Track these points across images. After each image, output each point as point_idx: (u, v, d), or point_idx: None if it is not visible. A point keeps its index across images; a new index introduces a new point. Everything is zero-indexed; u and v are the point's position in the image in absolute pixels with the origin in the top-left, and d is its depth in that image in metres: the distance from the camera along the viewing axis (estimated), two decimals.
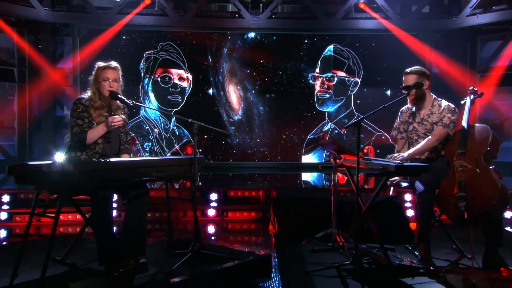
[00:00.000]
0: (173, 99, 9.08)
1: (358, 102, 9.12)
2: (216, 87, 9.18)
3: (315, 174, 9.05)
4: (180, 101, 9.09)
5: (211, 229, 6.27)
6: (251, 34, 9.12)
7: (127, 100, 4.10)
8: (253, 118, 9.16)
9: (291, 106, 9.16)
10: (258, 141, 9.17)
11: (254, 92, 9.17)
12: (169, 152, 9.00)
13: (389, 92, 9.03)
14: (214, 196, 6.73)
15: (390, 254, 3.98)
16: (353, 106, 9.12)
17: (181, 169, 4.18)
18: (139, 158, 4.67)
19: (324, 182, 8.58)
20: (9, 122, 8.85)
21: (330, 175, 8.66)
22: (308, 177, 8.86)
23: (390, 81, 8.94)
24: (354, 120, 8.61)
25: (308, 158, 9.23)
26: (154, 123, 9.07)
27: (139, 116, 9.01)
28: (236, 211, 6.66)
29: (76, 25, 8.78)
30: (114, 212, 5.90)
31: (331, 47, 9.11)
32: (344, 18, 8.75)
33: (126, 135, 4.35)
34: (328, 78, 9.11)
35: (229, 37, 9.16)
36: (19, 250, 3.47)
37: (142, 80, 9.04)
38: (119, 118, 4.01)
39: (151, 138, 9.06)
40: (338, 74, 9.10)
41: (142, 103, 8.93)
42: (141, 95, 9.00)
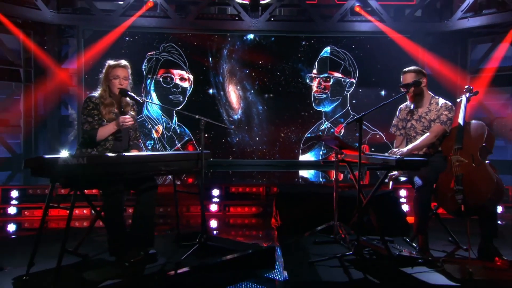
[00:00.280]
0: (174, 99, 9.10)
1: (354, 102, 9.16)
2: (216, 87, 9.20)
3: (312, 171, 9.11)
4: (181, 100, 9.11)
5: (214, 223, 6.30)
6: (250, 35, 9.16)
7: (137, 97, 4.12)
8: (252, 117, 9.19)
9: (289, 106, 9.20)
10: (257, 139, 9.20)
11: (253, 92, 9.20)
12: (170, 150, 9.00)
13: (383, 92, 9.08)
14: (216, 192, 6.77)
15: (390, 245, 4.03)
16: (348, 106, 9.17)
17: (188, 163, 4.21)
18: (149, 153, 4.71)
19: (320, 179, 8.64)
20: (15, 121, 8.86)
21: (326, 173, 8.79)
22: (305, 174, 8.90)
23: (385, 81, 9.01)
24: (351, 118, 8.87)
25: (305, 157, 9.26)
26: (156, 122, 9.09)
27: (142, 115, 9.01)
28: (237, 206, 6.71)
29: (80, 26, 8.78)
30: None
31: (328, 49, 9.16)
32: (340, 21, 8.82)
33: (135, 132, 4.37)
34: (324, 78, 9.16)
35: (229, 38, 9.19)
36: (35, 240, 3.48)
37: (144, 80, 9.05)
38: (130, 118, 4.02)
39: (153, 137, 9.08)
40: (335, 75, 9.15)
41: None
42: (143, 95, 9.01)
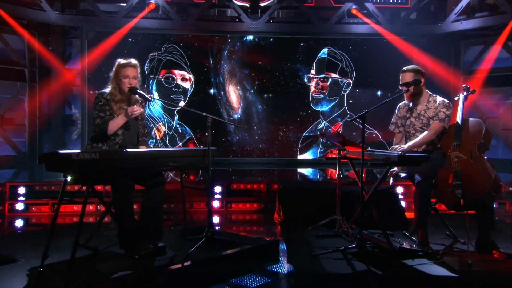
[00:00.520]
0: (176, 99, 9.11)
1: (351, 102, 9.22)
2: (216, 87, 9.23)
3: (310, 169, 9.15)
4: (182, 100, 9.12)
5: (216, 219, 6.33)
6: (250, 37, 9.19)
7: (146, 95, 4.16)
8: (251, 116, 9.22)
9: (288, 105, 9.24)
10: (256, 138, 9.23)
11: (252, 91, 9.23)
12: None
13: (379, 92, 9.15)
14: (218, 188, 6.79)
15: (391, 239, 4.07)
16: (345, 105, 9.22)
17: (195, 159, 4.26)
18: (158, 148, 4.73)
19: (318, 177, 8.69)
20: (20, 119, 8.86)
21: (324, 171, 8.83)
22: (304, 172, 8.93)
23: (381, 82, 9.08)
24: (348, 118, 8.93)
25: (304, 156, 9.30)
26: (158, 121, 9.10)
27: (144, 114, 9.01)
28: (239, 203, 6.73)
29: (84, 28, 8.79)
30: None
31: (325, 50, 9.20)
32: (337, 23, 8.86)
33: (144, 128, 4.41)
34: (322, 79, 9.21)
35: (229, 40, 9.21)
36: (49, 233, 3.50)
37: (146, 80, 9.06)
38: (138, 108, 4.07)
39: (154, 136, 9.09)
40: (332, 75, 9.20)
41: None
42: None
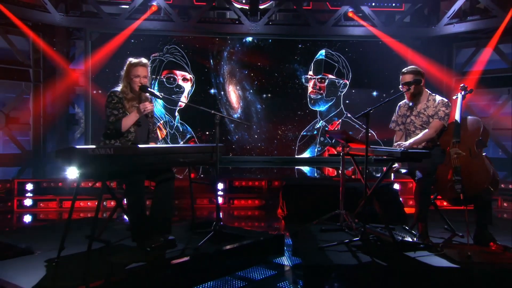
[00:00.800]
0: (171, 99, 9.13)
1: (347, 102, 9.29)
2: (217, 88, 9.26)
3: (307, 168, 9.20)
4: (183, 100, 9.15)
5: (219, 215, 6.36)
6: (249, 38, 9.22)
7: (157, 93, 4.21)
8: (251, 116, 9.25)
9: (286, 105, 9.28)
10: (256, 137, 9.27)
11: (252, 92, 9.27)
12: None
13: (375, 93, 9.23)
14: (220, 185, 6.83)
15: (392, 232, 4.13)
16: (342, 105, 9.29)
17: (204, 156, 4.28)
18: (169, 145, 4.76)
19: (315, 175, 8.75)
20: (25, 119, 8.85)
21: (321, 169, 8.89)
22: (301, 170, 8.98)
23: (376, 83, 9.17)
24: (344, 117, 8.99)
25: (302, 156, 9.35)
26: (159, 120, 9.11)
27: None
28: (241, 199, 6.78)
29: (88, 29, 8.79)
30: None
31: (323, 52, 9.27)
32: (334, 26, 8.93)
33: (153, 125, 4.45)
34: (320, 80, 9.27)
35: (229, 41, 9.25)
36: (65, 227, 3.54)
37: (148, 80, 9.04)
38: (149, 104, 4.12)
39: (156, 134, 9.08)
40: (329, 76, 9.26)
41: None
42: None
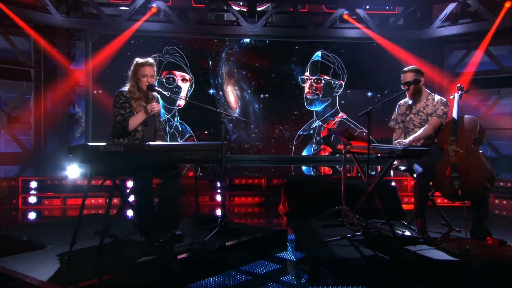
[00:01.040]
0: (176, 99, 9.14)
1: (343, 102, 9.34)
2: (215, 88, 9.27)
3: (304, 166, 9.26)
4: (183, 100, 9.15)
5: (220, 212, 6.40)
6: (247, 39, 9.25)
7: (164, 92, 4.24)
8: (249, 115, 9.27)
9: (283, 105, 9.29)
10: (253, 136, 9.29)
11: (249, 92, 9.29)
12: None
13: (370, 93, 9.30)
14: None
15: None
16: (338, 106, 9.34)
17: (209, 153, 4.32)
18: (176, 143, 4.79)
19: (311, 173, 8.80)
20: (26, 118, 8.82)
21: (317, 168, 8.96)
22: (298, 168, 9.04)
23: (371, 83, 9.23)
24: (340, 118, 9.06)
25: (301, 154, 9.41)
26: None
27: None
28: (241, 197, 6.83)
29: (89, 30, 8.75)
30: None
31: (319, 53, 9.32)
32: (330, 28, 8.98)
33: (160, 123, 4.48)
34: (316, 80, 9.32)
35: (227, 42, 9.26)
36: (76, 223, 3.57)
37: None
38: (157, 105, 4.16)
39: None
40: (325, 77, 9.32)
41: None
42: None
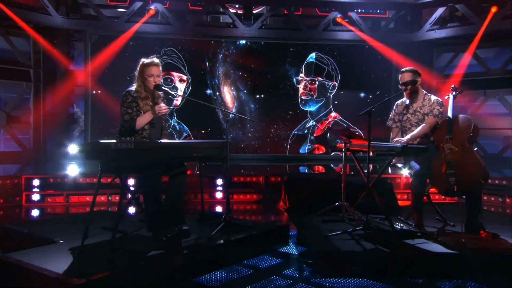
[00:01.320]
0: (174, 99, 9.15)
1: (336, 103, 9.44)
2: (212, 88, 9.31)
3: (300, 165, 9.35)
4: (180, 100, 9.17)
5: (219, 209, 6.45)
6: (243, 41, 9.31)
7: (170, 91, 4.27)
8: (245, 115, 9.31)
9: (278, 105, 9.37)
10: (249, 135, 9.35)
11: (245, 92, 9.34)
12: None
13: (362, 94, 9.41)
14: (219, 181, 6.92)
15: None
16: (331, 106, 9.44)
17: (214, 151, 4.36)
18: (182, 140, 4.81)
19: (305, 171, 8.88)
20: (25, 118, 8.79)
21: (311, 168, 9.03)
22: (293, 167, 9.11)
23: (363, 84, 9.36)
24: (337, 120, 9.15)
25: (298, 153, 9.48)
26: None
27: None
28: (240, 194, 6.87)
29: (88, 31, 8.74)
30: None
31: (313, 55, 9.40)
32: (324, 30, 9.06)
33: (166, 122, 4.51)
34: (310, 81, 9.40)
35: (223, 44, 9.30)
36: (88, 218, 3.61)
37: None
38: (164, 106, 4.18)
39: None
40: (319, 78, 9.41)
41: None
42: None
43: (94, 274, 3.01)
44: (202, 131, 9.24)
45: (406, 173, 5.10)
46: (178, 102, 9.08)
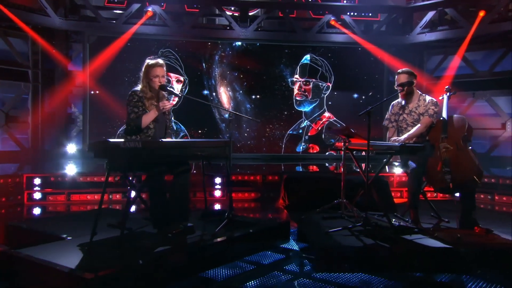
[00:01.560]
0: (171, 99, 9.16)
1: (330, 103, 9.53)
2: (209, 89, 9.35)
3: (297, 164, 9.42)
4: (178, 101, 9.18)
5: (218, 207, 6.48)
6: (239, 43, 9.36)
7: (175, 91, 4.31)
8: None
9: (274, 106, 9.45)
10: (245, 135, 9.41)
11: (241, 92, 9.40)
12: None
13: (355, 95, 9.52)
14: (218, 179, 6.95)
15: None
16: (325, 106, 9.53)
17: (217, 150, 4.40)
18: (188, 139, 4.83)
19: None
20: (24, 117, 8.77)
21: (306, 167, 9.09)
22: (288, 166, 9.16)
23: (356, 86, 9.47)
24: (331, 121, 9.24)
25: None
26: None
27: None
28: (238, 192, 6.90)
29: (86, 32, 8.77)
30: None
31: (308, 56, 9.48)
32: (318, 32, 9.17)
33: (169, 121, 4.55)
34: (304, 82, 9.49)
35: (220, 46, 9.35)
36: (96, 216, 3.63)
37: None
38: (168, 102, 4.22)
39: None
40: (313, 79, 9.49)
41: None
42: None
43: (105, 269, 3.04)
44: (199, 131, 9.27)
45: (400, 171, 5.19)
46: (174, 102, 9.10)
